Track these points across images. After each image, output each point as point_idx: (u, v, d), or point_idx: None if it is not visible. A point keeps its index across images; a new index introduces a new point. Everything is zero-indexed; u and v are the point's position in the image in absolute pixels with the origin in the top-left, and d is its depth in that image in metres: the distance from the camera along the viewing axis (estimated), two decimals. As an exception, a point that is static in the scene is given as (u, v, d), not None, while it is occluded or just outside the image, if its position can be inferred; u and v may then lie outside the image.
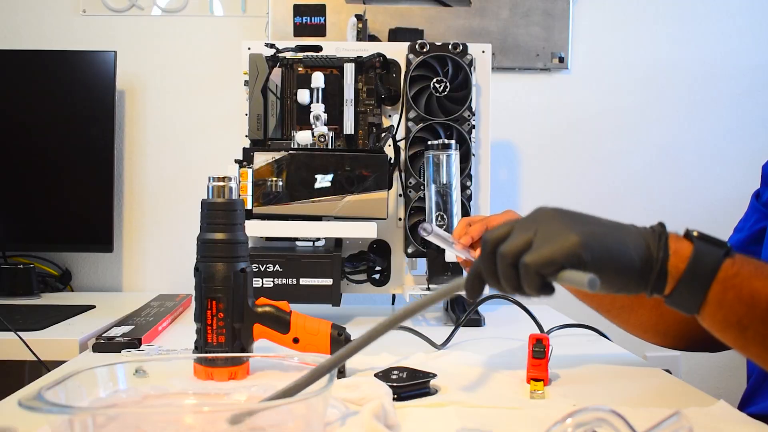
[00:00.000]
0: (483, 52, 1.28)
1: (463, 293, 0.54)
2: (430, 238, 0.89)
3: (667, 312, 0.89)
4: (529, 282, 0.50)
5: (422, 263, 1.26)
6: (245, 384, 0.70)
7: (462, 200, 1.20)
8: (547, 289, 0.51)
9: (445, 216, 1.14)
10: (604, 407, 0.47)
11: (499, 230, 0.53)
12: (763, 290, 0.48)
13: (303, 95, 1.19)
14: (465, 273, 1.17)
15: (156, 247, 1.60)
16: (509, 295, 0.53)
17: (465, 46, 1.24)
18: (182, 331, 1.10)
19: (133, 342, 0.95)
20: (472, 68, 1.24)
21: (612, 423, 0.46)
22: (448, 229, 1.13)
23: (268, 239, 1.22)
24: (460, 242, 0.90)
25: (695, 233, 0.51)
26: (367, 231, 1.11)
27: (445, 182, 1.14)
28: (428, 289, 1.16)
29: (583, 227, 0.50)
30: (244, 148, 1.15)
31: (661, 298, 0.50)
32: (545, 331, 1.04)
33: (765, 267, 0.49)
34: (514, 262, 0.50)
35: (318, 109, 1.18)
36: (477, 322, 1.16)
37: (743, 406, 0.87)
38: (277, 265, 1.09)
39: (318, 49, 1.24)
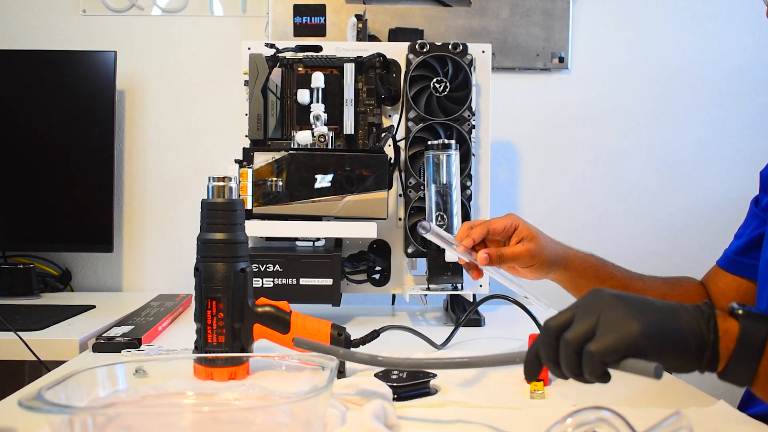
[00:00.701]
0: (483, 52, 1.28)
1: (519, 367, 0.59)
2: (429, 236, 0.89)
3: None
4: (592, 369, 0.52)
5: (422, 263, 1.26)
6: (244, 384, 0.70)
7: (462, 200, 1.20)
8: (606, 376, 0.53)
9: (445, 216, 1.14)
10: (604, 407, 0.47)
11: (561, 317, 0.56)
12: None
13: (303, 95, 1.19)
14: (466, 274, 1.17)
15: (156, 247, 1.60)
16: (567, 378, 0.57)
17: (465, 46, 1.24)
18: (182, 331, 1.10)
19: (133, 342, 0.95)
20: (472, 68, 1.25)
21: (612, 423, 0.46)
22: (449, 229, 1.13)
23: (268, 239, 1.22)
24: (462, 244, 0.90)
25: (740, 312, 0.53)
26: (367, 231, 1.11)
27: (445, 182, 1.14)
28: (428, 288, 1.16)
29: (642, 315, 0.52)
30: (244, 148, 1.15)
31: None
32: (545, 331, 1.04)
33: None
34: (578, 350, 0.53)
35: (318, 109, 1.18)
36: (477, 322, 1.16)
37: (743, 407, 0.87)
38: (277, 265, 1.09)
39: (318, 49, 1.24)
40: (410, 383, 0.73)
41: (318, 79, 1.18)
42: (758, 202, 0.93)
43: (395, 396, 0.71)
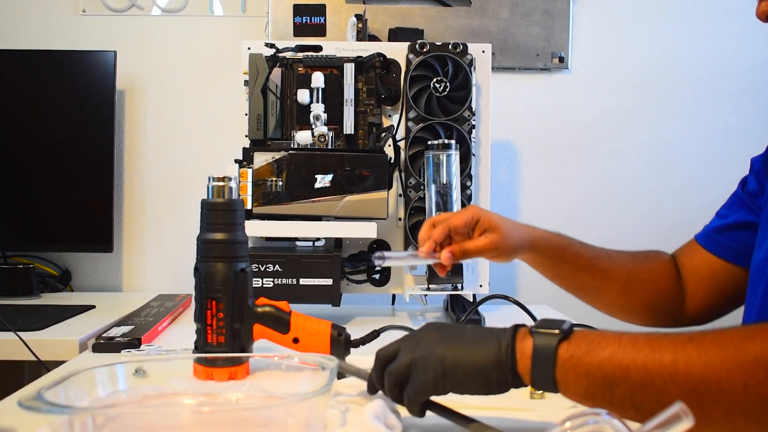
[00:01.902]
0: (483, 52, 1.28)
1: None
2: (388, 263, 0.92)
3: (635, 294, 0.96)
4: (411, 409, 0.61)
5: (422, 263, 1.25)
6: (244, 384, 0.70)
7: (462, 200, 1.20)
8: (422, 413, 0.61)
9: (445, 216, 1.14)
10: (602, 411, 0.48)
11: (389, 348, 0.63)
12: (593, 363, 0.55)
13: (303, 95, 1.19)
14: (466, 272, 1.17)
15: (156, 247, 1.60)
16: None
17: (465, 46, 1.24)
18: (182, 331, 1.10)
19: (133, 342, 0.95)
20: (472, 68, 1.24)
21: (610, 427, 0.46)
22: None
23: (268, 239, 1.22)
24: (423, 251, 0.91)
25: (534, 329, 0.58)
26: (367, 231, 1.11)
27: (445, 182, 1.14)
28: (428, 288, 1.16)
29: (445, 357, 0.59)
30: (244, 148, 1.15)
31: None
32: (545, 331, 1.04)
33: (595, 341, 0.56)
34: (398, 383, 0.61)
35: (318, 109, 1.18)
36: (477, 322, 1.16)
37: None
38: (277, 265, 1.09)
39: (318, 49, 1.24)
40: (410, 383, 0.73)
41: (318, 79, 1.18)
42: (745, 183, 0.92)
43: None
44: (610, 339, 0.55)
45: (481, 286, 1.26)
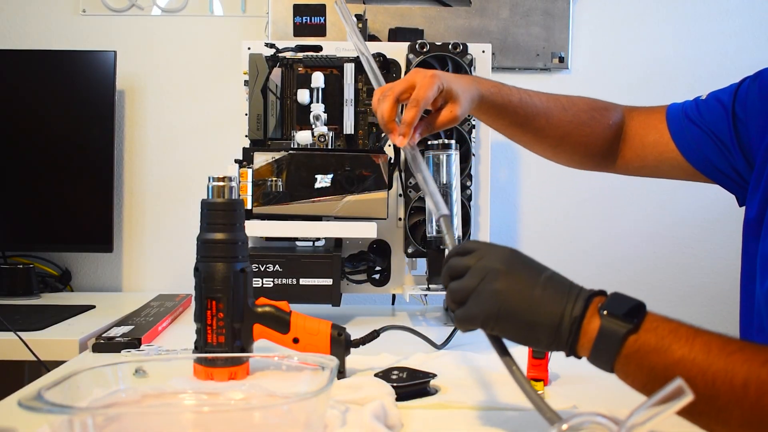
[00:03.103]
0: (483, 52, 1.28)
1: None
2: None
3: (563, 153, 1.00)
4: (458, 327, 0.62)
5: (422, 263, 1.25)
6: (244, 384, 0.70)
7: (462, 200, 1.20)
8: (471, 330, 0.62)
9: (445, 216, 1.14)
10: (600, 414, 0.48)
11: (460, 263, 0.62)
12: (659, 364, 0.54)
13: (303, 95, 1.19)
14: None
15: (156, 247, 1.60)
16: None
17: (465, 46, 1.24)
18: (182, 331, 1.10)
19: (133, 342, 0.95)
20: (472, 68, 1.24)
21: (607, 429, 0.46)
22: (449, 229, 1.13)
23: (268, 239, 1.22)
24: (401, 141, 0.84)
25: (605, 313, 0.56)
26: (367, 231, 1.10)
27: (445, 182, 1.14)
28: (428, 288, 1.16)
29: (508, 302, 0.58)
30: (244, 148, 1.15)
31: None
32: (545, 331, 1.04)
33: (667, 339, 0.55)
34: (454, 302, 0.62)
35: (318, 109, 1.18)
36: (477, 322, 1.16)
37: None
38: (277, 265, 1.09)
39: (318, 49, 1.24)
40: (410, 383, 0.73)
41: (318, 79, 1.18)
42: (735, 116, 0.90)
43: (395, 396, 0.71)
44: (682, 340, 0.54)
45: (481, 286, 1.26)
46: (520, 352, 0.89)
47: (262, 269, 1.09)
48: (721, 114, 0.90)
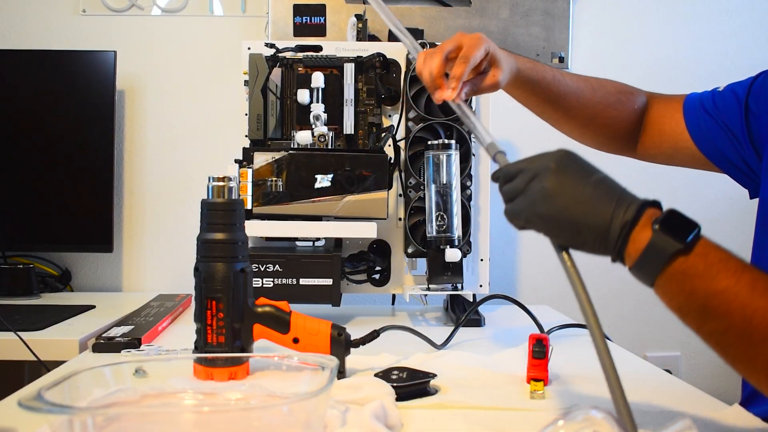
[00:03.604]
0: (483, 52, 1.28)
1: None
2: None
3: (589, 133, 1.02)
4: (510, 220, 0.63)
5: (422, 263, 1.25)
6: (244, 384, 0.70)
7: (462, 200, 1.20)
8: (527, 228, 0.63)
9: (445, 216, 1.14)
10: (595, 407, 0.48)
11: (512, 168, 0.64)
12: (701, 289, 0.53)
13: (303, 95, 1.19)
14: (466, 272, 1.16)
15: (156, 247, 1.60)
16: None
17: (465, 46, 1.23)
18: (182, 331, 1.10)
19: (133, 342, 0.95)
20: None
21: (604, 424, 0.46)
22: (449, 229, 1.13)
23: (268, 239, 1.22)
24: (449, 95, 0.82)
25: (657, 227, 0.55)
26: (367, 231, 1.10)
27: (445, 182, 1.14)
28: (428, 288, 1.16)
29: (556, 200, 0.58)
30: (244, 148, 1.15)
31: None
32: (545, 331, 1.04)
33: (715, 267, 0.54)
34: (506, 201, 0.63)
35: (318, 109, 1.18)
36: (477, 322, 1.16)
37: (744, 405, 0.87)
38: (277, 265, 1.09)
39: (318, 49, 1.24)
40: (410, 383, 0.73)
41: (318, 79, 1.18)
42: (748, 108, 0.91)
43: (395, 396, 0.71)
44: (730, 271, 0.53)
45: (481, 286, 1.26)
46: (520, 353, 0.89)
47: (262, 269, 1.09)
48: (734, 106, 0.91)
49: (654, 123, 1.01)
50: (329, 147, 1.18)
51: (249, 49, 1.24)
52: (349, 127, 1.22)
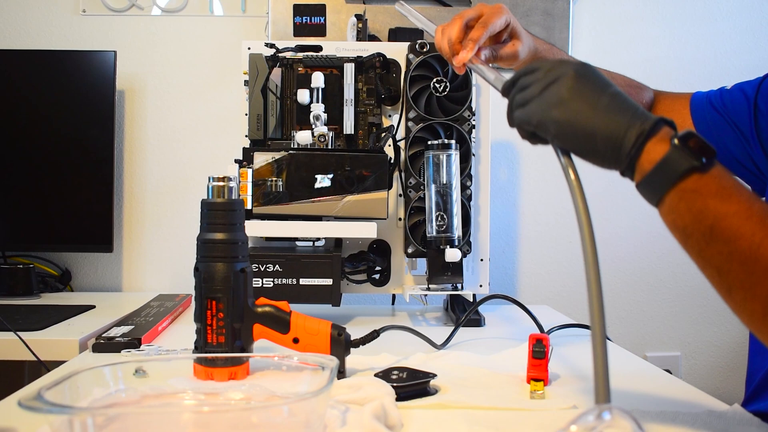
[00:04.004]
0: (483, 52, 1.28)
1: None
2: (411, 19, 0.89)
3: None
4: (517, 129, 0.62)
5: (422, 263, 1.26)
6: (244, 384, 0.70)
7: (462, 200, 1.20)
8: (533, 139, 0.62)
9: (445, 216, 1.14)
10: (611, 406, 0.47)
11: (528, 79, 0.62)
12: (712, 209, 0.52)
13: (303, 95, 1.19)
14: (466, 272, 1.17)
15: (156, 247, 1.60)
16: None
17: (465, 46, 1.23)
18: (182, 331, 1.10)
19: (133, 342, 0.95)
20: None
21: (620, 424, 0.46)
22: (449, 229, 1.13)
23: (268, 239, 1.22)
24: (464, 58, 0.83)
25: (677, 141, 0.54)
26: (367, 231, 1.11)
27: (445, 182, 1.14)
28: (428, 288, 1.16)
29: (568, 105, 0.57)
30: (244, 148, 1.15)
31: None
32: (545, 331, 1.04)
33: (728, 189, 0.53)
34: (516, 105, 0.62)
35: (318, 109, 1.18)
36: (477, 322, 1.16)
37: (745, 405, 0.87)
38: (277, 265, 1.09)
39: (318, 49, 1.24)
40: (410, 383, 0.73)
41: (318, 79, 1.18)
42: (757, 117, 0.91)
43: (395, 396, 0.71)
44: (743, 196, 0.52)
45: (481, 286, 1.26)
46: (520, 353, 0.89)
47: (262, 269, 1.09)
48: (743, 104, 0.91)
49: None
50: (329, 147, 1.18)
51: (249, 49, 1.24)
52: (349, 127, 1.22)
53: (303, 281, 1.10)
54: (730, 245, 0.51)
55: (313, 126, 1.17)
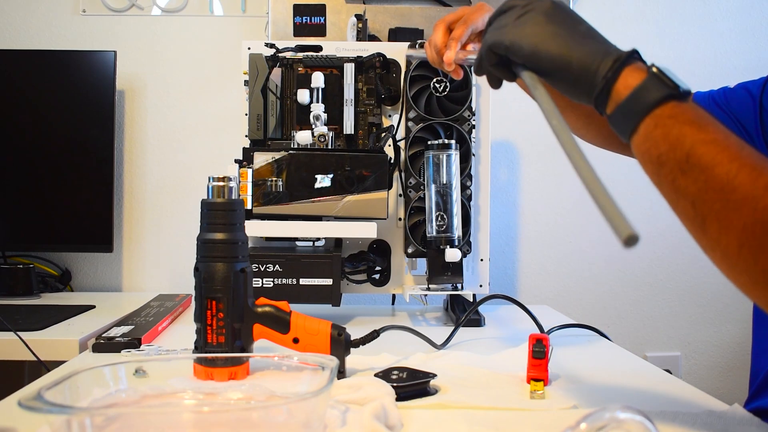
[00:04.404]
0: (483, 52, 1.28)
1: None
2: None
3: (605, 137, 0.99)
4: (481, 53, 0.61)
5: (422, 263, 1.26)
6: (244, 384, 0.70)
7: (462, 200, 1.20)
8: (498, 69, 0.61)
9: (445, 216, 1.14)
10: (626, 407, 0.46)
11: (503, 12, 0.61)
12: (689, 136, 0.50)
13: (303, 95, 1.19)
14: (466, 272, 1.17)
15: (156, 247, 1.60)
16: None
17: (465, 46, 1.23)
18: (182, 331, 1.10)
19: (133, 342, 0.95)
20: (472, 68, 1.24)
21: (631, 426, 0.45)
22: (449, 229, 1.13)
23: (268, 239, 1.22)
24: (449, 57, 0.85)
25: (655, 69, 0.54)
26: (367, 231, 1.11)
27: (445, 182, 1.14)
28: (428, 288, 1.16)
29: (543, 32, 0.56)
30: (244, 148, 1.15)
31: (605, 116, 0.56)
32: (545, 331, 1.04)
33: (705, 119, 0.51)
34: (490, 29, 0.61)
35: (318, 109, 1.18)
36: (477, 322, 1.16)
37: (748, 403, 0.88)
38: (277, 265, 1.09)
39: (318, 49, 1.24)
40: (410, 383, 0.73)
41: (318, 79, 1.18)
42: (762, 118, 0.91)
43: (395, 396, 0.71)
44: (720, 127, 0.51)
45: (481, 286, 1.26)
46: (520, 353, 0.89)
47: (262, 269, 1.09)
48: (748, 103, 0.91)
49: None
50: (329, 147, 1.18)
51: (249, 49, 1.24)
52: (349, 127, 1.22)
53: (303, 281, 1.10)
54: (707, 173, 0.49)
55: (313, 126, 1.17)
